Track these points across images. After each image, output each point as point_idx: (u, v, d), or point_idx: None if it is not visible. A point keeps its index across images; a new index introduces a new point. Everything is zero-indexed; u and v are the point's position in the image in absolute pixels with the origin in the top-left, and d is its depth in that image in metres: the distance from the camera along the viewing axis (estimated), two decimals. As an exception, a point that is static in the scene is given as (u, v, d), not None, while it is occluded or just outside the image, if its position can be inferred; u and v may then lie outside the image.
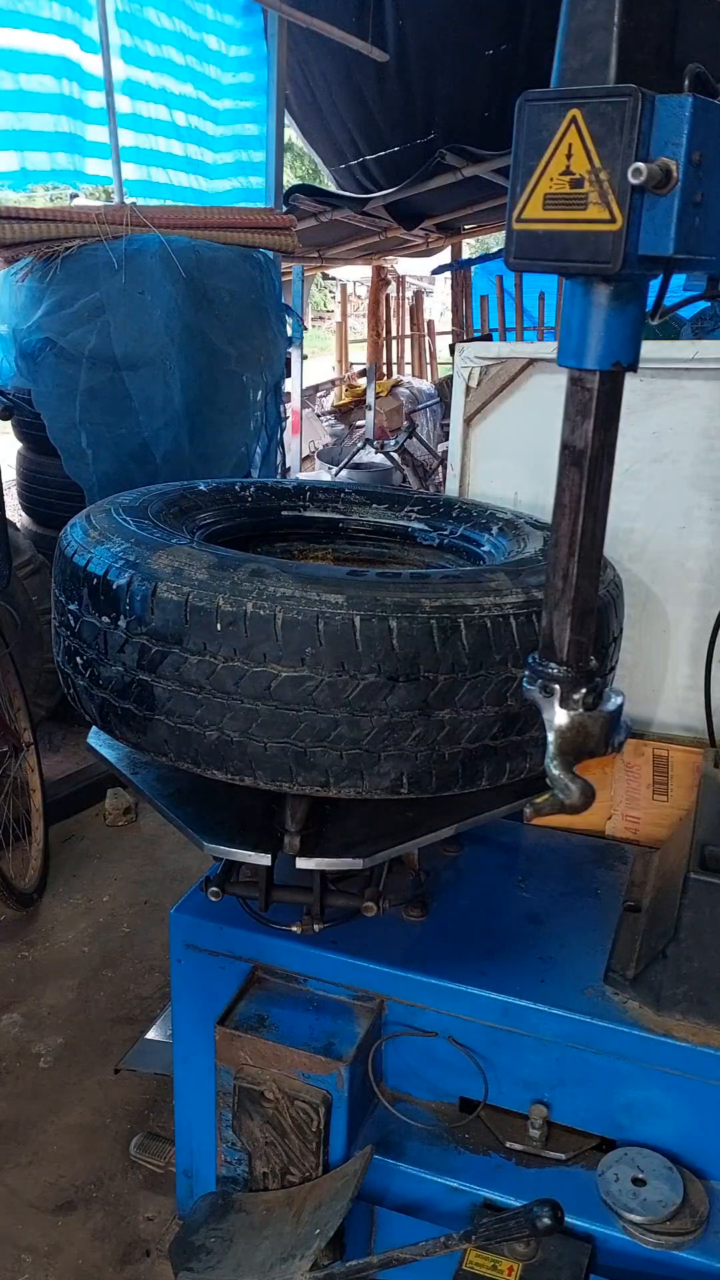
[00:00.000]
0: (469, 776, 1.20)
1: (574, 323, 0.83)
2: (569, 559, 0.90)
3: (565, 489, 0.88)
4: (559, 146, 0.76)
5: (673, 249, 0.73)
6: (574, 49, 0.76)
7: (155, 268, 3.15)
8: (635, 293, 0.80)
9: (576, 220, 0.76)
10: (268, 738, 1.13)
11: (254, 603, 1.11)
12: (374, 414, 8.23)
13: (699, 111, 0.71)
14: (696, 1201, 1.23)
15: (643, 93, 0.71)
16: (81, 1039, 2.27)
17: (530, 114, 0.77)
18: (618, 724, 0.96)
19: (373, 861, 1.27)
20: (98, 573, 1.21)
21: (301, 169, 11.46)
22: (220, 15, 4.24)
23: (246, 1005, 1.39)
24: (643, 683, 1.85)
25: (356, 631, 1.10)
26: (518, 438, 1.89)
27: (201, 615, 1.12)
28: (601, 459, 0.88)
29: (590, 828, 1.74)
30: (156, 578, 1.16)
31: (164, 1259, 1.73)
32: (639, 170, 0.71)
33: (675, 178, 0.71)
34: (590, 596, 0.91)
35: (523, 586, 1.23)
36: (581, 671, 0.93)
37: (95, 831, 3.12)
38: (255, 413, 3.67)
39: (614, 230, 0.74)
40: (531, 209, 0.79)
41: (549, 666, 0.94)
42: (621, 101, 0.71)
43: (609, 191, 0.73)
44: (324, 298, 15.94)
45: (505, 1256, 1.19)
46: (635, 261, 0.75)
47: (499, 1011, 1.33)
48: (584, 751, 0.94)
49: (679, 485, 1.78)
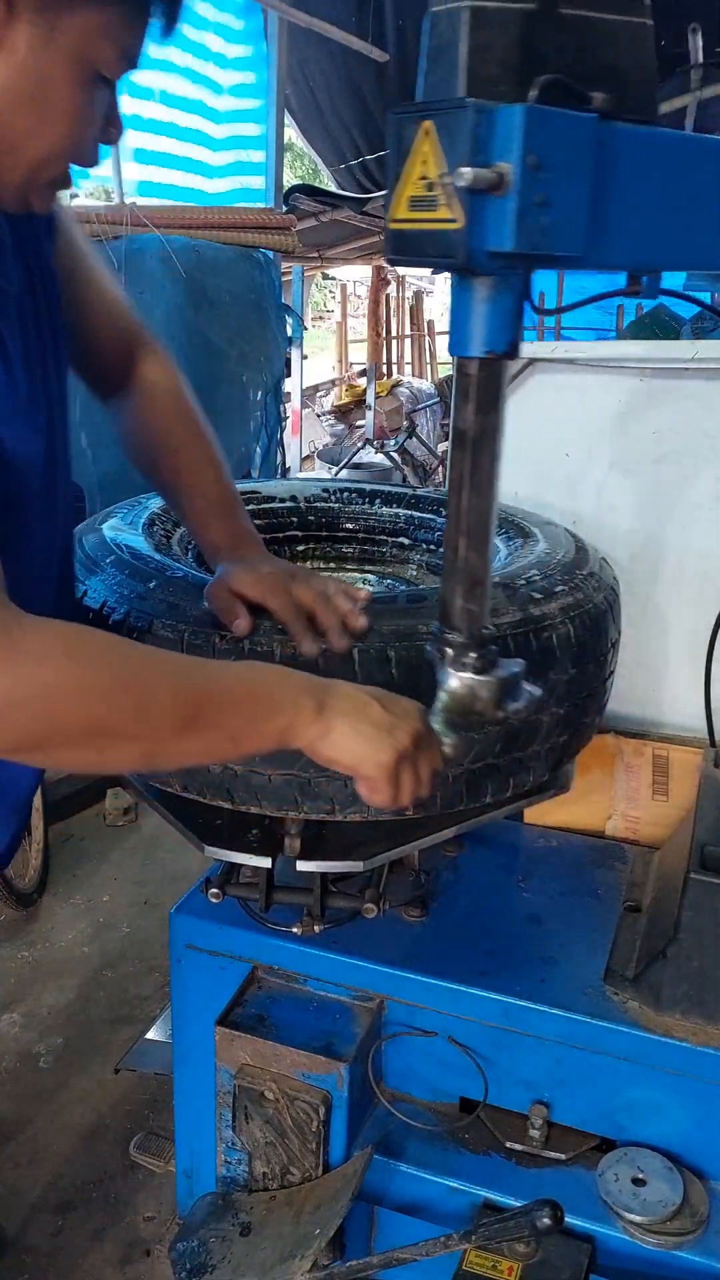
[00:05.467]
0: (473, 794, 1.20)
1: (455, 315, 0.91)
2: (457, 533, 0.97)
3: (453, 468, 0.96)
4: (417, 154, 0.84)
5: (512, 246, 0.80)
6: (431, 65, 0.84)
7: (155, 268, 3.15)
8: (506, 287, 0.87)
9: (431, 220, 0.84)
10: (271, 770, 1.12)
11: (250, 641, 1.11)
12: (374, 414, 8.24)
13: (532, 119, 0.77)
14: (696, 1201, 1.23)
15: (478, 104, 0.78)
16: (81, 1039, 2.27)
17: (397, 125, 0.85)
18: (515, 691, 1.01)
19: (373, 864, 1.27)
20: (93, 607, 1.22)
21: (301, 169, 11.46)
22: (220, 15, 4.24)
23: (246, 1005, 1.39)
24: (643, 683, 1.86)
25: (355, 664, 1.09)
26: (518, 438, 1.88)
27: (199, 654, 1.11)
28: (482, 440, 0.94)
29: (590, 828, 1.74)
30: (153, 615, 1.15)
31: (164, 1259, 1.73)
32: (463, 174, 0.78)
33: (509, 181, 0.78)
34: (478, 567, 0.97)
35: (519, 603, 1.22)
36: (472, 637, 0.99)
37: (95, 831, 3.12)
38: (255, 413, 3.68)
39: (457, 229, 0.82)
40: (400, 211, 0.87)
41: (444, 632, 1.01)
42: (460, 112, 0.78)
43: (451, 195, 0.81)
44: (324, 298, 15.94)
45: (505, 1256, 1.19)
46: (483, 256, 0.82)
47: (499, 1011, 1.33)
48: (471, 712, 0.99)
49: (679, 485, 1.78)
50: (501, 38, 0.81)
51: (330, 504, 1.76)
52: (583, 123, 0.81)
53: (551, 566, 1.34)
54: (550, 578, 1.31)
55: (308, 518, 1.75)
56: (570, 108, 0.81)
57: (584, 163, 0.82)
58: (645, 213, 0.89)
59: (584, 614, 1.26)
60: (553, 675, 1.20)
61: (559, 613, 1.24)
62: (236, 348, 3.46)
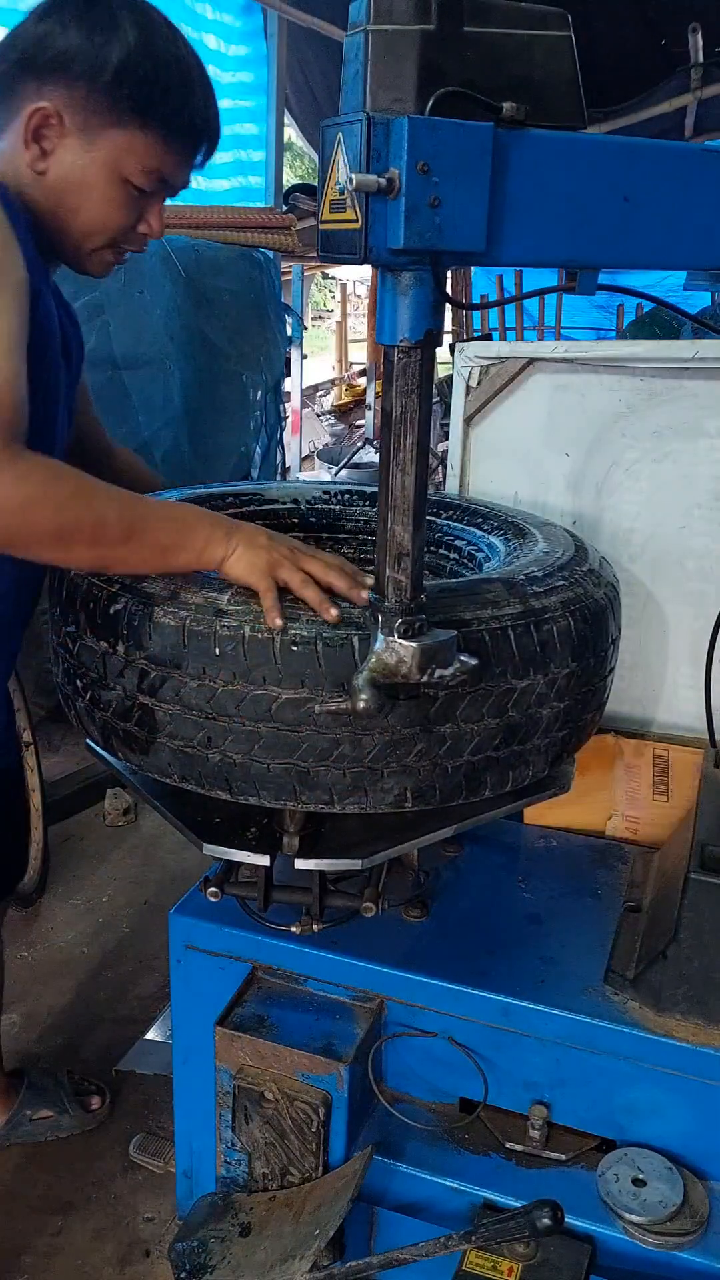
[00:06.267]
0: (472, 787, 1.20)
1: (379, 307, 1.01)
2: (386, 508, 1.05)
3: (380, 448, 1.05)
4: (332, 162, 0.95)
5: (403, 243, 0.90)
6: (348, 85, 0.95)
7: (155, 267, 3.14)
8: (416, 282, 0.96)
9: (342, 221, 0.94)
10: (270, 759, 1.13)
11: (251, 627, 1.12)
12: (374, 414, 8.23)
13: (418, 129, 0.87)
14: (696, 1202, 1.23)
15: (372, 116, 0.88)
16: (81, 1039, 2.27)
17: (324, 137, 0.96)
18: (445, 659, 1.07)
19: (372, 863, 1.27)
20: (96, 598, 1.22)
21: (301, 169, 11.45)
22: (220, 15, 4.24)
23: (246, 1006, 1.39)
24: (643, 683, 1.86)
25: (355, 652, 1.10)
26: (518, 437, 1.89)
27: (200, 640, 1.13)
28: (404, 421, 1.01)
29: (590, 828, 1.74)
30: (153, 602, 1.17)
31: (164, 1259, 1.73)
32: (353, 179, 0.89)
33: (398, 185, 0.88)
34: (404, 541, 1.05)
35: (520, 596, 1.23)
36: (400, 605, 1.07)
37: (95, 831, 3.12)
38: (255, 412, 3.67)
39: (357, 228, 0.92)
40: (325, 212, 0.98)
41: (376, 600, 1.09)
42: (357, 124, 0.89)
43: (352, 198, 0.92)
44: (324, 297, 15.94)
45: (505, 1257, 1.19)
46: (384, 253, 0.93)
47: (499, 1012, 1.32)
48: (396, 674, 1.06)
49: (679, 485, 1.78)
50: (400, 57, 0.90)
51: (331, 505, 1.77)
52: (475, 130, 0.90)
53: (550, 564, 1.35)
54: (550, 574, 1.31)
55: (309, 519, 1.75)
56: (478, 117, 0.90)
57: (478, 167, 0.91)
58: (553, 212, 0.98)
59: (584, 608, 1.26)
60: (553, 668, 1.21)
61: (559, 606, 1.24)
62: (236, 347, 3.45)
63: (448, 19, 0.91)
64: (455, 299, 1.10)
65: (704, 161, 1.02)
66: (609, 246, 1.02)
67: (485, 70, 0.94)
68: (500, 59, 0.95)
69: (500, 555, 1.49)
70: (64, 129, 1.27)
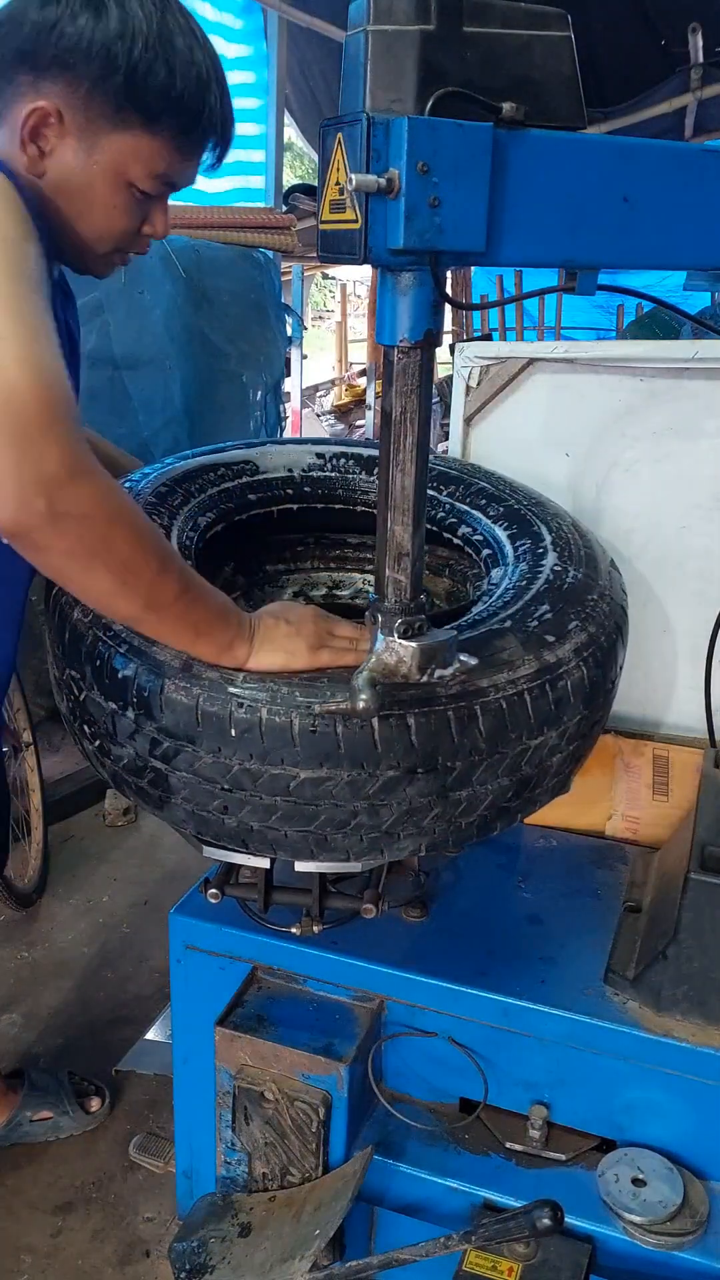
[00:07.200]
0: (483, 833, 1.21)
1: (378, 307, 1.01)
2: (386, 508, 1.04)
3: (380, 448, 1.04)
4: (333, 162, 0.95)
5: (403, 243, 0.90)
6: (348, 85, 0.95)
7: (155, 267, 3.14)
8: (415, 282, 0.96)
9: (342, 221, 0.94)
10: (287, 827, 1.13)
11: (268, 708, 1.09)
12: (374, 414, 8.22)
13: (417, 129, 0.87)
14: (696, 1202, 1.23)
15: (373, 116, 0.88)
16: (81, 1039, 2.27)
17: (324, 137, 0.96)
18: (444, 658, 1.07)
19: (371, 864, 1.27)
20: (103, 655, 1.16)
21: (301, 169, 11.45)
22: (220, 15, 4.25)
23: (246, 1006, 1.39)
24: (643, 683, 1.85)
25: (375, 732, 1.08)
26: (518, 437, 1.89)
27: (215, 720, 1.09)
28: (404, 422, 1.01)
29: (590, 828, 1.74)
30: (164, 674, 1.12)
31: (164, 1259, 1.73)
32: (353, 180, 0.88)
33: (397, 185, 0.88)
34: (404, 542, 1.05)
35: (535, 650, 1.20)
36: (400, 605, 1.07)
37: (95, 832, 3.12)
38: (255, 412, 3.67)
39: (357, 228, 0.92)
40: (324, 213, 0.98)
41: (376, 600, 1.09)
42: (357, 125, 0.89)
43: (352, 198, 0.92)
44: (324, 298, 15.93)
45: (505, 1257, 1.19)
46: (383, 253, 0.92)
47: (499, 1012, 1.32)
48: (396, 674, 1.06)
49: (679, 485, 1.78)
50: (400, 57, 0.90)
51: (327, 472, 1.71)
52: (474, 130, 0.90)
53: (563, 591, 1.34)
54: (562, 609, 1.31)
55: (304, 489, 1.70)
56: (477, 117, 0.90)
57: (478, 167, 0.90)
58: (552, 212, 0.98)
59: (597, 649, 1.27)
60: (566, 720, 1.22)
61: (573, 655, 1.25)
62: (236, 347, 3.45)
63: (447, 19, 0.91)
64: (455, 299, 1.10)
65: (703, 161, 1.02)
66: (608, 247, 1.02)
67: (485, 70, 0.93)
68: (500, 59, 0.95)
69: (508, 559, 1.44)
70: (63, 129, 1.19)
